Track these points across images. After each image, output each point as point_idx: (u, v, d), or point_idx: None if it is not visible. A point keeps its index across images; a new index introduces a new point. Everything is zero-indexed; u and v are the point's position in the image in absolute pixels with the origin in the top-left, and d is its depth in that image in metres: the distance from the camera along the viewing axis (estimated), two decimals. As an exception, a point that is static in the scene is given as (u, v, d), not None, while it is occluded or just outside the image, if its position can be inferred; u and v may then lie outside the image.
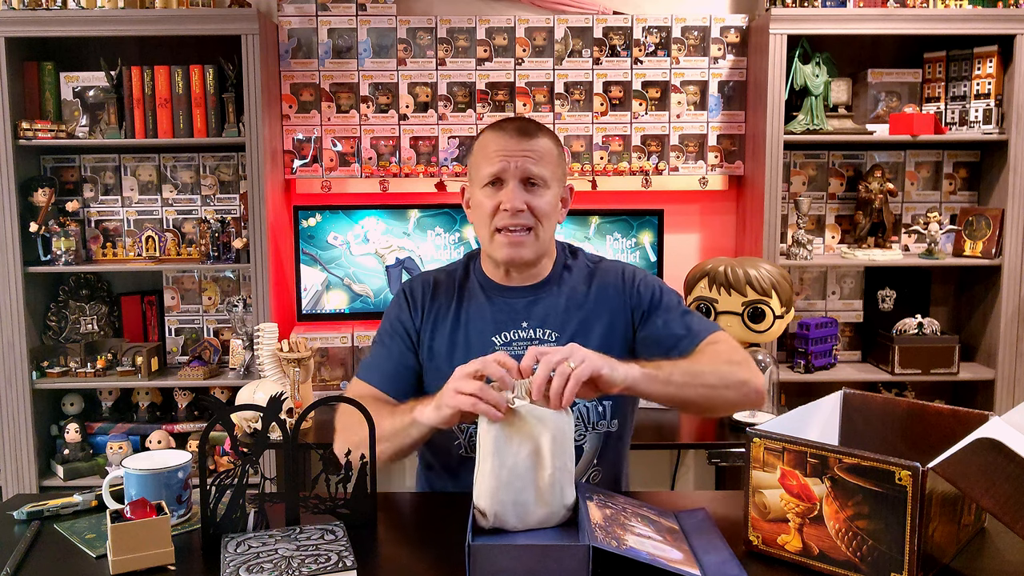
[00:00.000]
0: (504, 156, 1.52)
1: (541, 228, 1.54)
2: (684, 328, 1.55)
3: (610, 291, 1.60)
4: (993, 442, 1.06)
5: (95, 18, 2.65)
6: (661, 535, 1.23)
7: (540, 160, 1.53)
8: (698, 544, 1.23)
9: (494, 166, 1.52)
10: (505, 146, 1.52)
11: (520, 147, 1.52)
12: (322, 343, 2.81)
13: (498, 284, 1.61)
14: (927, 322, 2.87)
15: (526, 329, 1.57)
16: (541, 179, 1.52)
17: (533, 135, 1.54)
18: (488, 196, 1.53)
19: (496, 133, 1.55)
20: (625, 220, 2.87)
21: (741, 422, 2.40)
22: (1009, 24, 2.71)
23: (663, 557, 1.13)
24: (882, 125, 2.88)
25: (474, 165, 1.58)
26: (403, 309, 1.62)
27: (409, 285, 1.66)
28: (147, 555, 1.19)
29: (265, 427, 1.29)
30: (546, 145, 1.55)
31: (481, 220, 1.56)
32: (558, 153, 1.58)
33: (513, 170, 1.51)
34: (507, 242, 1.53)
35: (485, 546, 1.16)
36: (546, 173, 1.53)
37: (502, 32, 2.93)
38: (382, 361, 1.60)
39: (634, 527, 1.22)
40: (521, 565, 1.14)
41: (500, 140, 1.53)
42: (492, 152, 1.53)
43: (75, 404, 2.88)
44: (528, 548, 1.17)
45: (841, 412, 1.44)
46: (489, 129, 1.58)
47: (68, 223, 2.82)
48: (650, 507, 1.34)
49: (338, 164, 2.96)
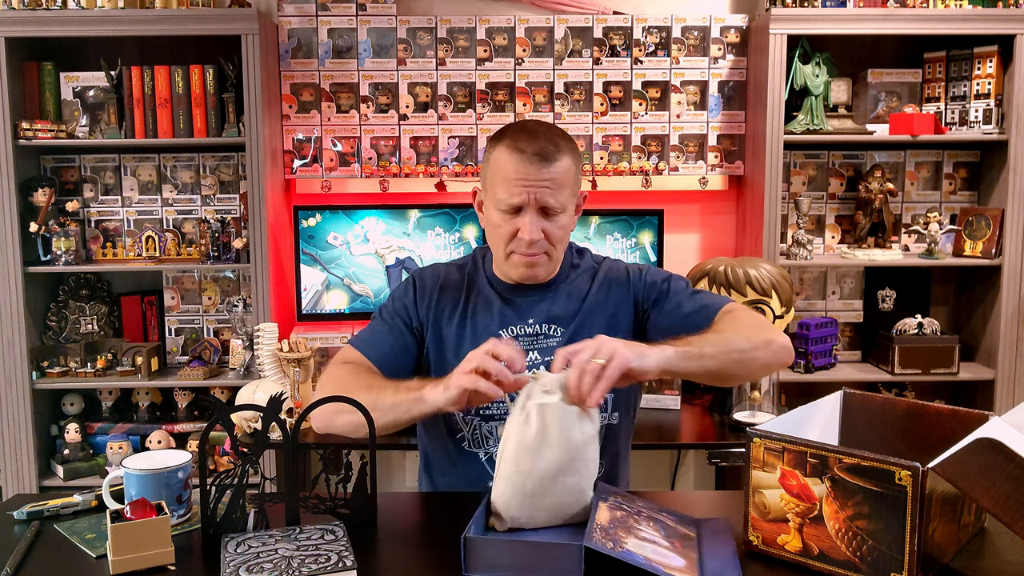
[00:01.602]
0: (523, 187, 1.48)
1: (556, 251, 1.55)
2: (696, 306, 1.56)
3: (613, 287, 1.62)
4: (993, 442, 1.06)
5: (95, 18, 2.65)
6: (670, 541, 1.22)
7: (559, 188, 1.50)
8: (708, 551, 1.22)
9: (512, 196, 1.49)
10: (525, 175, 1.48)
11: (540, 177, 1.48)
12: (322, 343, 2.81)
13: (506, 282, 1.62)
14: (927, 322, 2.87)
15: (532, 325, 1.58)
16: (559, 207, 1.51)
17: (553, 160, 1.49)
18: (505, 221, 1.52)
19: (515, 157, 1.49)
20: (625, 220, 2.87)
21: (741, 422, 2.40)
22: (1009, 24, 2.71)
23: (660, 563, 1.12)
24: (882, 125, 2.88)
25: (490, 180, 1.55)
26: (410, 296, 1.63)
27: (420, 274, 1.66)
28: (147, 555, 1.19)
29: (265, 427, 1.29)
30: (565, 167, 1.51)
31: (496, 240, 1.56)
32: (576, 169, 1.55)
33: (532, 202, 1.49)
34: (522, 263, 1.54)
35: (481, 540, 1.17)
36: (564, 199, 1.51)
37: (502, 32, 2.93)
38: (381, 337, 1.60)
39: (641, 531, 1.21)
40: (515, 561, 1.14)
41: (520, 167, 1.48)
42: (511, 178, 1.49)
43: (75, 404, 2.88)
44: (522, 544, 1.18)
45: (841, 412, 1.44)
46: (508, 147, 1.51)
47: (68, 223, 2.82)
48: (671, 512, 1.33)
49: (338, 164, 2.96)
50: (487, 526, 1.26)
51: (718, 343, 1.43)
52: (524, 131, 1.53)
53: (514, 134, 1.52)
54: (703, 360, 1.40)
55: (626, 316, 1.60)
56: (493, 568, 1.14)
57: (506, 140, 1.52)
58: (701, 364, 1.40)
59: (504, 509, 1.24)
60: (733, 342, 1.44)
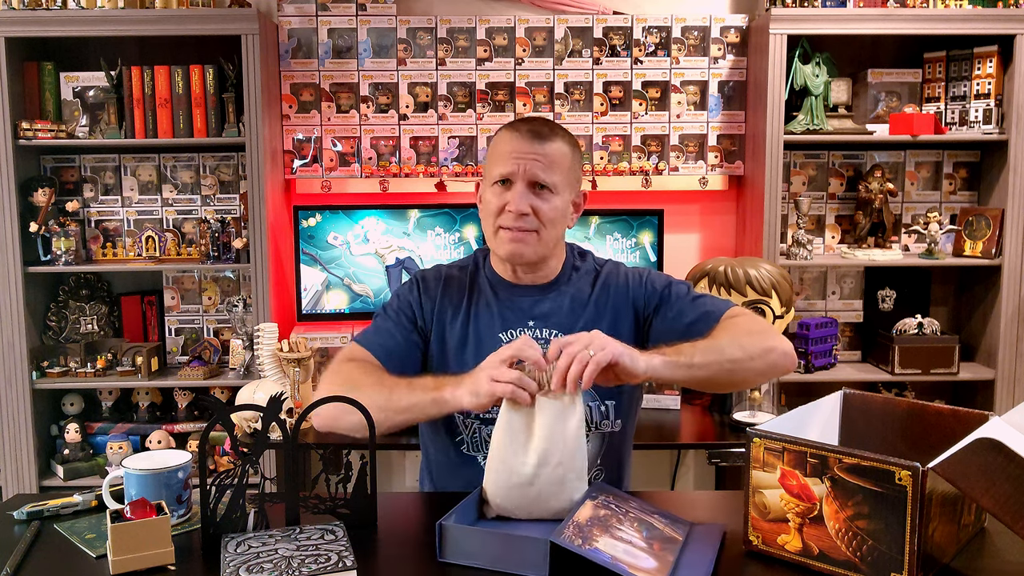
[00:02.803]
0: (514, 158, 1.52)
1: (545, 231, 1.54)
2: (698, 312, 1.56)
3: (613, 291, 1.61)
4: (993, 442, 1.06)
5: (95, 18, 2.65)
6: (649, 542, 1.22)
7: (550, 166, 1.52)
8: (688, 555, 1.22)
9: (503, 167, 1.53)
10: (517, 148, 1.52)
11: (531, 150, 1.52)
12: (322, 343, 2.81)
13: (507, 282, 1.62)
14: (927, 322, 2.87)
15: (533, 328, 1.58)
16: (549, 184, 1.52)
17: (546, 138, 1.53)
18: (496, 195, 1.54)
19: (510, 133, 1.55)
20: (625, 220, 2.87)
21: (741, 422, 2.40)
22: (1009, 24, 2.71)
23: (628, 563, 1.13)
24: (882, 125, 2.88)
25: (488, 162, 1.59)
26: (415, 294, 1.63)
27: (423, 275, 1.66)
28: (147, 555, 1.19)
29: (265, 427, 1.29)
30: (559, 149, 1.54)
31: (487, 217, 1.57)
32: (572, 158, 1.57)
33: (521, 173, 1.51)
34: (509, 238, 1.54)
35: (455, 528, 1.21)
36: (556, 179, 1.53)
37: (502, 32, 2.93)
38: (387, 334, 1.60)
39: (619, 530, 1.22)
40: (485, 550, 1.18)
41: (513, 141, 1.53)
42: (504, 152, 1.53)
43: (75, 404, 2.88)
44: (493, 535, 1.21)
45: (841, 412, 1.44)
46: (505, 128, 1.58)
47: (68, 223, 2.82)
48: (664, 514, 1.33)
49: (338, 164, 2.96)
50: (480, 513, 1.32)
51: (711, 352, 1.42)
52: (523, 119, 1.60)
53: (514, 121, 1.60)
54: (692, 370, 1.40)
55: (627, 322, 1.60)
56: (465, 556, 1.19)
57: (506, 126, 1.58)
58: (690, 373, 1.40)
59: (492, 498, 1.30)
60: (727, 351, 1.43)
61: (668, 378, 1.39)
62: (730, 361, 1.43)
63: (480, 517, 1.32)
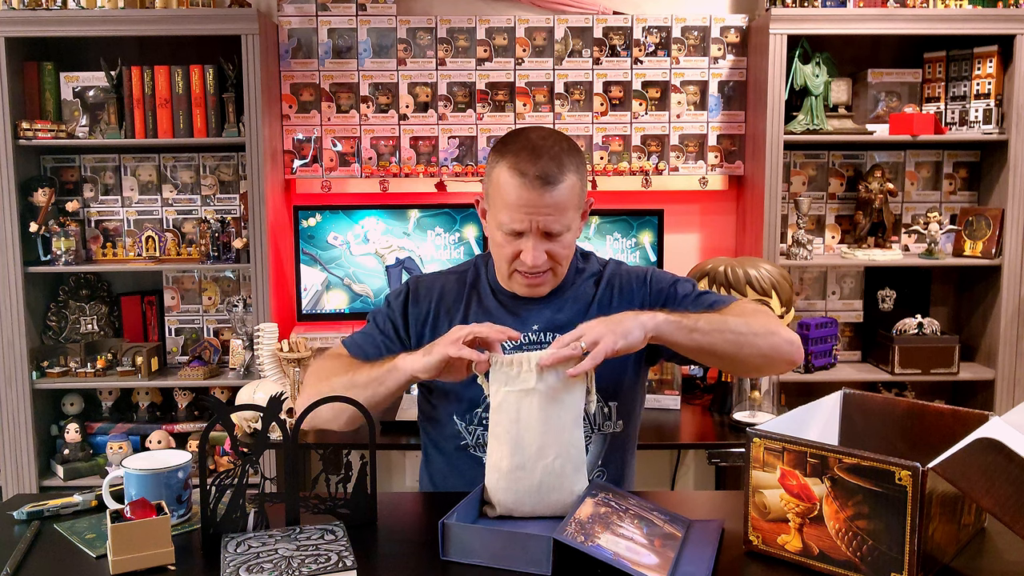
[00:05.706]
0: (524, 213, 1.45)
1: (560, 267, 1.54)
2: (703, 307, 1.54)
3: (618, 293, 1.60)
4: (993, 442, 1.06)
5: (95, 18, 2.65)
6: (650, 539, 1.22)
7: (561, 212, 1.46)
8: (688, 551, 1.23)
9: (513, 221, 1.46)
10: (526, 200, 1.44)
11: (542, 203, 1.44)
12: (322, 343, 2.81)
13: (509, 290, 1.61)
14: (927, 322, 2.87)
15: (536, 332, 1.57)
16: (562, 229, 1.49)
17: (555, 183, 1.44)
18: (507, 242, 1.50)
19: (517, 180, 1.44)
20: (625, 220, 2.87)
21: (741, 422, 2.40)
22: (1009, 24, 2.71)
23: (629, 559, 1.13)
24: (882, 125, 2.88)
25: (492, 197, 1.51)
26: (401, 303, 1.63)
27: (415, 284, 1.64)
28: (147, 555, 1.20)
29: (265, 427, 1.29)
30: (568, 187, 1.46)
31: (499, 258, 1.55)
32: (581, 183, 1.50)
33: (534, 229, 1.46)
34: (526, 283, 1.54)
35: (457, 526, 1.21)
36: (567, 221, 1.49)
37: (502, 32, 2.93)
38: (370, 341, 1.61)
39: (620, 527, 1.22)
40: (487, 548, 1.19)
41: (522, 192, 1.44)
42: (512, 203, 1.45)
43: (75, 404, 2.88)
44: (494, 532, 1.22)
45: (841, 412, 1.44)
46: (510, 168, 1.45)
47: (68, 223, 2.82)
48: (663, 512, 1.34)
49: (338, 164, 2.96)
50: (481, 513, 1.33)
51: (715, 321, 1.43)
52: (527, 149, 1.46)
53: (517, 152, 1.46)
54: (694, 334, 1.39)
55: None
56: (468, 554, 1.19)
57: (508, 158, 1.47)
58: (692, 338, 1.40)
59: (493, 496, 1.31)
60: (731, 324, 1.43)
61: (669, 339, 1.39)
62: (733, 333, 1.42)
63: (481, 517, 1.33)
